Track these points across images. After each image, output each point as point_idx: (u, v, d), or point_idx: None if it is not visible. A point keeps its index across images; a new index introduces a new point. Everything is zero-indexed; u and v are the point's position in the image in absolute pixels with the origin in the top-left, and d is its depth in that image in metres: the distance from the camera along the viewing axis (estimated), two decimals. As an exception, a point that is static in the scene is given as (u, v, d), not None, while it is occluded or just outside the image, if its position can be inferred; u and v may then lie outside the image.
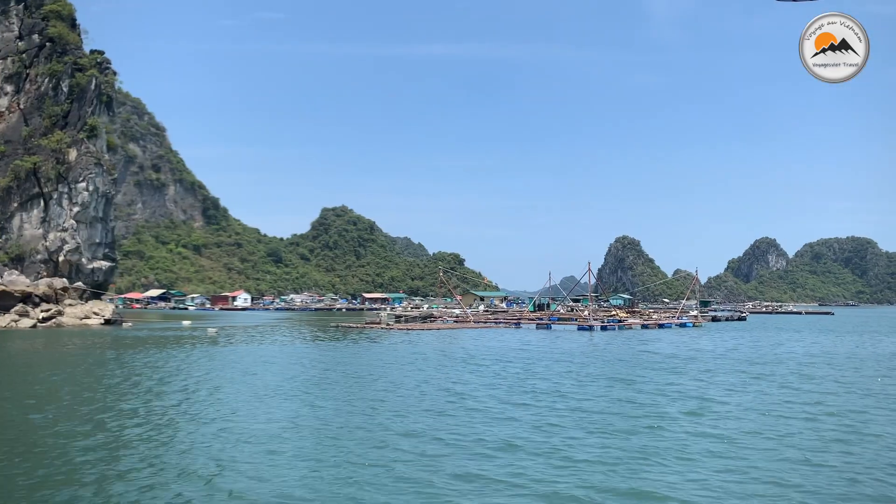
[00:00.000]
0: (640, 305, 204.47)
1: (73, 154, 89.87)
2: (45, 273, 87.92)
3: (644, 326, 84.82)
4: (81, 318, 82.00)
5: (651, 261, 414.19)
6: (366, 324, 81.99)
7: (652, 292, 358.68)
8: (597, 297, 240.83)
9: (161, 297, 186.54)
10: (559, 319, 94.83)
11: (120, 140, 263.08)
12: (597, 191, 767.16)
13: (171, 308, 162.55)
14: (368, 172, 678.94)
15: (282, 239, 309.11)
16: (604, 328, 79.57)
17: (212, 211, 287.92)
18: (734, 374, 35.28)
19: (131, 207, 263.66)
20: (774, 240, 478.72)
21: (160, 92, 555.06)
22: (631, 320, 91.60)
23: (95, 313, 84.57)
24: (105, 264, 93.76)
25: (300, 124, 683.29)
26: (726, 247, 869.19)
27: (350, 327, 79.87)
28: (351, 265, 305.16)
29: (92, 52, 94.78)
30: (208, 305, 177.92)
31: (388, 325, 78.67)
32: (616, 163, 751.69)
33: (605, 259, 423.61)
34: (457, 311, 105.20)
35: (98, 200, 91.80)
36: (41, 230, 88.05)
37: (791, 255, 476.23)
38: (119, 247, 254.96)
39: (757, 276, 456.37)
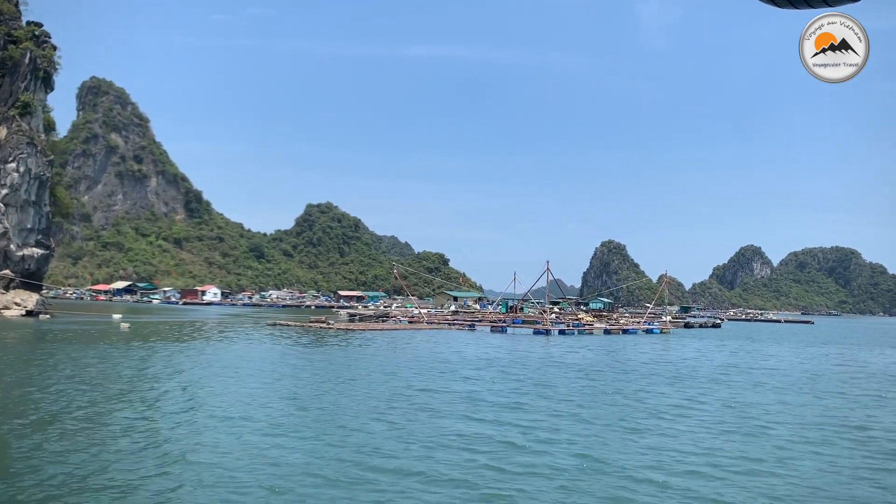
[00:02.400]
0: (619, 310, 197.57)
1: (2, 132, 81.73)
2: (-31, 259, 79.88)
3: (606, 332, 77.06)
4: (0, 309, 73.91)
5: (636, 265, 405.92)
6: (310, 322, 73.99)
7: (636, 297, 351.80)
8: (576, 300, 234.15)
9: (127, 290, 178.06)
10: (523, 322, 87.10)
11: (102, 129, 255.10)
12: (585, 195, 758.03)
13: (134, 301, 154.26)
14: (357, 171, 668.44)
15: (265, 234, 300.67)
16: (562, 332, 71.93)
17: (194, 204, 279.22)
18: (624, 392, 27.66)
19: (112, 198, 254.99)
20: (759, 248, 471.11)
21: (148, 84, 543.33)
22: (597, 325, 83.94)
23: (17, 304, 76.37)
24: (38, 251, 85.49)
25: (288, 121, 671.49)
26: (712, 253, 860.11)
27: (287, 325, 72.02)
28: (334, 262, 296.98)
29: (29, 23, 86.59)
30: (174, 299, 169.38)
31: (330, 324, 70.78)
32: (604, 168, 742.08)
33: (590, 263, 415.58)
34: (415, 311, 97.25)
35: (30, 183, 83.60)
36: (-35, 213, 79.97)
37: (776, 263, 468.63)
38: (98, 238, 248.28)
39: (741, 283, 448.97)
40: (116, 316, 79.11)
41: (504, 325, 77.00)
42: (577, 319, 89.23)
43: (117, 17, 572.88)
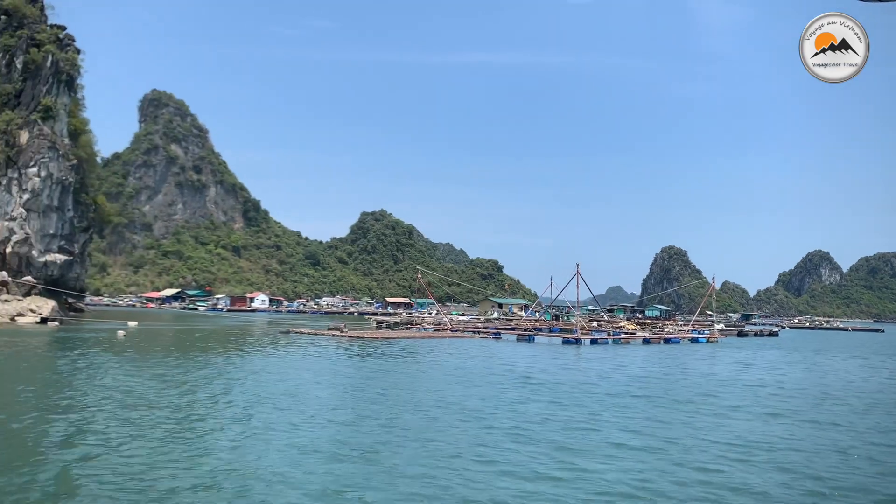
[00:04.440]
0: (677, 317, 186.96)
1: (24, 136, 79.14)
2: (-10, 266, 77.49)
3: (646, 341, 69.09)
4: (13, 316, 70.83)
5: (698, 272, 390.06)
6: (328, 330, 68.47)
7: (698, 304, 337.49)
8: (632, 307, 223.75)
9: (175, 297, 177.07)
10: (561, 330, 79.97)
11: (162, 141, 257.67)
12: (644, 200, 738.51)
13: (181, 308, 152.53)
14: (412, 178, 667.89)
15: (321, 242, 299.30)
16: (594, 342, 64.49)
17: (252, 213, 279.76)
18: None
19: (172, 208, 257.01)
20: (828, 253, 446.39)
21: (206, 96, 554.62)
22: (640, 333, 76.07)
23: (32, 311, 73.29)
24: (60, 258, 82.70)
25: (344, 130, 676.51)
26: (777, 259, 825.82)
27: (300, 332, 66.71)
28: (388, 269, 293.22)
29: (52, 26, 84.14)
30: (220, 306, 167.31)
31: (343, 332, 65.12)
32: (665, 172, 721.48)
33: (650, 269, 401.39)
34: (444, 319, 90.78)
35: (52, 188, 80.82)
36: (-13, 218, 77.61)
37: (846, 269, 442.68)
38: (158, 246, 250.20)
39: (808, 289, 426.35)
40: (132, 323, 75.42)
41: (531, 333, 70.01)
42: (617, 328, 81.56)
43: (179, 31, 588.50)
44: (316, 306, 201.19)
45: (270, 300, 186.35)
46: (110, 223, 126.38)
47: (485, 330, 75.02)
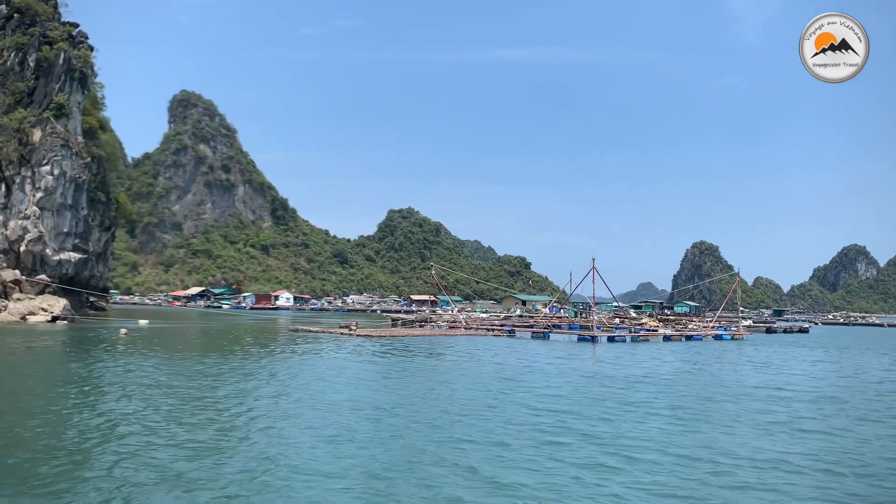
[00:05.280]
0: (708, 313, 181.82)
1: (36, 134, 78.21)
2: (5, 264, 76.64)
3: (666, 339, 65.68)
4: (24, 315, 69.86)
5: (730, 267, 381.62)
6: (339, 328, 66.23)
7: (730, 300, 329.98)
8: (661, 304, 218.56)
9: (200, 296, 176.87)
10: (580, 328, 76.77)
11: (191, 141, 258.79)
12: (676, 196, 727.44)
13: (206, 307, 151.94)
14: (441, 176, 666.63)
15: (348, 240, 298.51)
16: (611, 340, 61.32)
17: (280, 212, 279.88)
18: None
19: (201, 207, 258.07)
20: (864, 247, 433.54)
21: (235, 96, 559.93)
22: (662, 330, 72.68)
23: (43, 309, 72.27)
24: (75, 256, 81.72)
25: (371, 128, 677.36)
26: (812, 254, 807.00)
27: (308, 331, 64.59)
28: (416, 267, 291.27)
29: (64, 23, 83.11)
30: (243, 304, 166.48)
31: (352, 330, 62.81)
32: (696, 167, 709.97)
33: (681, 265, 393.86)
34: (459, 317, 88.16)
35: (66, 186, 79.76)
36: (1, 217, 76.85)
37: (882, 263, 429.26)
38: (188, 245, 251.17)
39: (844, 285, 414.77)
40: (143, 322, 74.10)
41: (546, 331, 67.01)
42: (639, 324, 78.13)
43: (207, 33, 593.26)
44: (342, 304, 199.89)
45: (295, 298, 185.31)
46: (132, 221, 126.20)
47: (499, 327, 72.27)
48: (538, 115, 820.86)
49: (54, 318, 70.54)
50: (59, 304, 73.67)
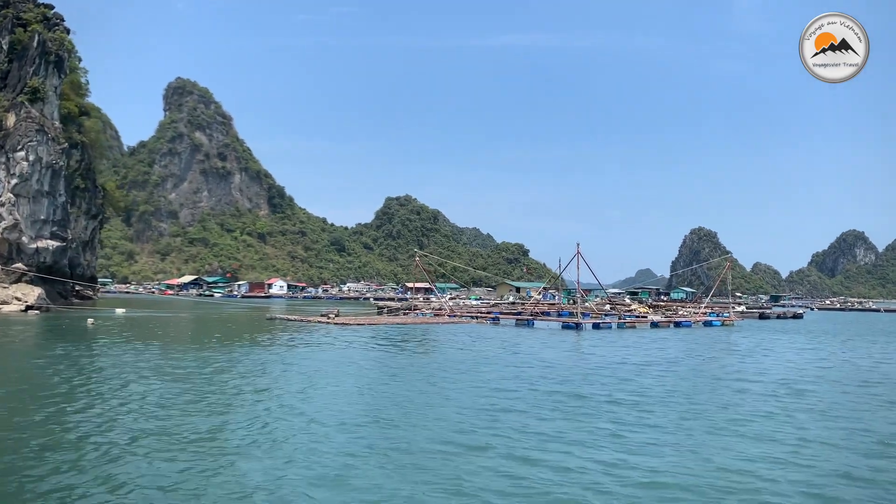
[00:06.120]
0: (704, 299, 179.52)
1: (10, 119, 75.61)
2: (-20, 253, 74.52)
3: (654, 325, 63.36)
4: (-3, 304, 67.67)
5: (729, 253, 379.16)
6: (319, 317, 63.84)
7: (721, 285, 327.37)
8: (658, 290, 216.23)
9: (193, 284, 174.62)
10: (570, 315, 74.49)
11: (186, 129, 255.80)
12: (675, 182, 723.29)
13: (197, 295, 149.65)
14: (439, 164, 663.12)
15: (346, 228, 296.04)
16: (596, 326, 58.98)
17: (277, 199, 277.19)
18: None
19: (197, 195, 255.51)
20: (863, 232, 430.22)
21: (231, 83, 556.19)
22: (651, 316, 70.37)
23: (17, 298, 70.01)
24: (53, 244, 79.36)
25: (369, 115, 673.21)
26: (810, 240, 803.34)
27: (287, 319, 62.28)
28: (413, 255, 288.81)
29: (39, 5, 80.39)
30: (235, 293, 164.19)
31: (331, 318, 60.47)
32: (695, 153, 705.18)
33: (679, 251, 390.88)
34: (447, 304, 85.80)
35: (42, 172, 77.27)
36: (-25, 205, 74.55)
37: (881, 248, 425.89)
38: (184, 234, 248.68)
39: (843, 270, 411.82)
40: (119, 311, 71.85)
41: (530, 318, 64.61)
42: (628, 311, 75.88)
43: (203, 20, 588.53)
44: (338, 292, 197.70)
45: (289, 286, 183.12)
46: (120, 209, 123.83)
47: (483, 315, 69.93)
48: (537, 101, 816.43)
49: (28, 308, 68.30)
50: (33, 294, 71.35)
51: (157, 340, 41.15)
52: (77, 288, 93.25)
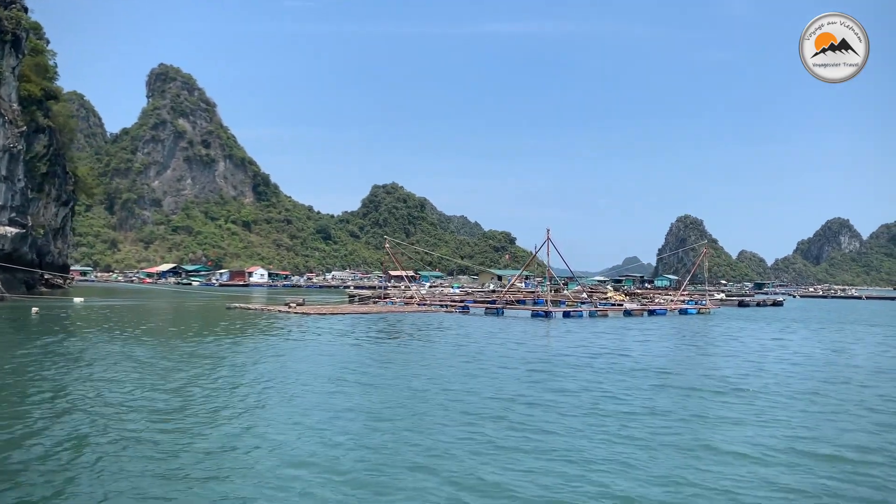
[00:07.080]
0: (688, 287, 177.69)
1: (-36, 101, 72.39)
2: (-66, 240, 71.25)
3: (627, 313, 60.87)
4: (-52, 293, 64.53)
5: (714, 241, 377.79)
6: (282, 306, 61.00)
7: (714, 274, 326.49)
8: (642, 278, 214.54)
9: (172, 272, 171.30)
10: (546, 303, 71.97)
11: (170, 115, 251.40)
12: (663, 170, 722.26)
13: (176, 283, 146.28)
14: (427, 151, 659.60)
15: (332, 216, 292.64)
16: (567, 315, 56.49)
17: (262, 187, 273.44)
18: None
19: (181, 183, 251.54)
20: (847, 220, 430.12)
21: (215, 70, 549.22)
22: (627, 304, 67.94)
23: (-30, 287, 66.96)
24: (12, 231, 75.97)
25: (356, 103, 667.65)
26: (796, 227, 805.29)
27: (247, 308, 59.39)
28: (400, 243, 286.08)
29: (-7, -18, 76.68)
30: (214, 281, 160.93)
31: (291, 307, 57.69)
32: (682, 141, 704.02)
33: (665, 239, 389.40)
34: (418, 293, 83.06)
35: (-1, 156, 74.04)
36: (-72, 190, 71.20)
37: (865, 236, 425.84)
38: (168, 222, 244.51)
39: (827, 258, 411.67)
40: (78, 300, 68.85)
41: (500, 307, 61.93)
42: (604, 299, 73.49)
43: (187, 5, 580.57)
44: (322, 280, 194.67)
45: (270, 274, 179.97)
46: (93, 195, 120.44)
47: (453, 303, 67.28)
48: (525, 89, 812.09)
49: (-18, 297, 65.20)
50: (-17, 282, 68.19)
51: (93, 329, 38.30)
52: (46, 277, 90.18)
